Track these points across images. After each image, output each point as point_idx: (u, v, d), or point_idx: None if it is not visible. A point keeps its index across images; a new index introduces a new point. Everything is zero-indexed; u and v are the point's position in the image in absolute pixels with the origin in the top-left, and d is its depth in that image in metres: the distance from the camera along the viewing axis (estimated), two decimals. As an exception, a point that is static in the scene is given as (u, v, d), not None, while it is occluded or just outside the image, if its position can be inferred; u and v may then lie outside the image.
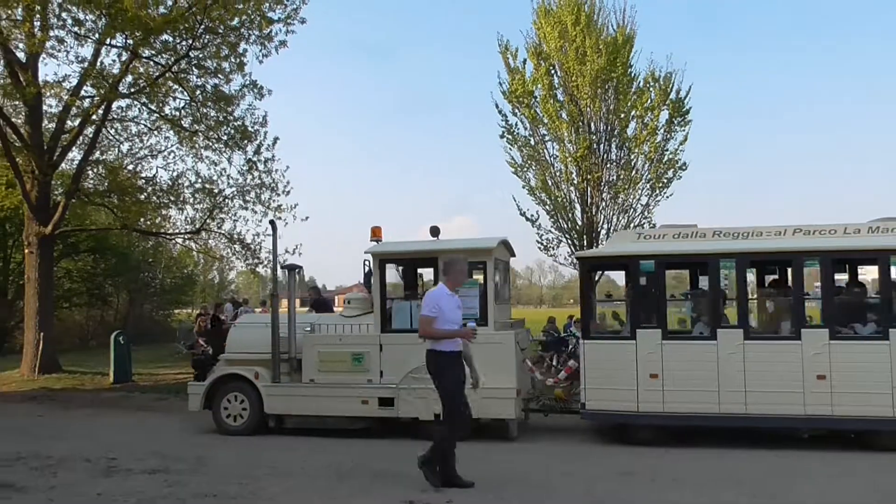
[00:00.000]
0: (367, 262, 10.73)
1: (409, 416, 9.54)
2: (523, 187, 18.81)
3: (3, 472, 7.99)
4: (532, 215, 18.68)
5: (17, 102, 17.84)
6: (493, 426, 9.56)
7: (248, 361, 10.45)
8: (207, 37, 17.06)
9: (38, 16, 15.84)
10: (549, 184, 18.51)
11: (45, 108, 17.83)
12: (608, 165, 18.22)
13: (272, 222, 12.12)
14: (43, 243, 17.44)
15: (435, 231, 10.32)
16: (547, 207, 18.60)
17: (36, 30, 15.80)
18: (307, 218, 20.11)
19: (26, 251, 18.12)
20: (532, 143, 18.72)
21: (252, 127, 19.05)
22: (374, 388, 9.75)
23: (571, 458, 8.64)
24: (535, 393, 10.53)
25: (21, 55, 16.75)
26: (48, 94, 17.40)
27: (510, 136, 18.77)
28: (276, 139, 19.57)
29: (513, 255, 11.43)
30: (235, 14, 16.70)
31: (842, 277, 9.96)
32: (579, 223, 18.40)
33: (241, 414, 10.34)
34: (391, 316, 9.93)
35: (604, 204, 18.28)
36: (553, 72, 18.46)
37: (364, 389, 9.78)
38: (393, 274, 10.57)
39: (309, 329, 10.41)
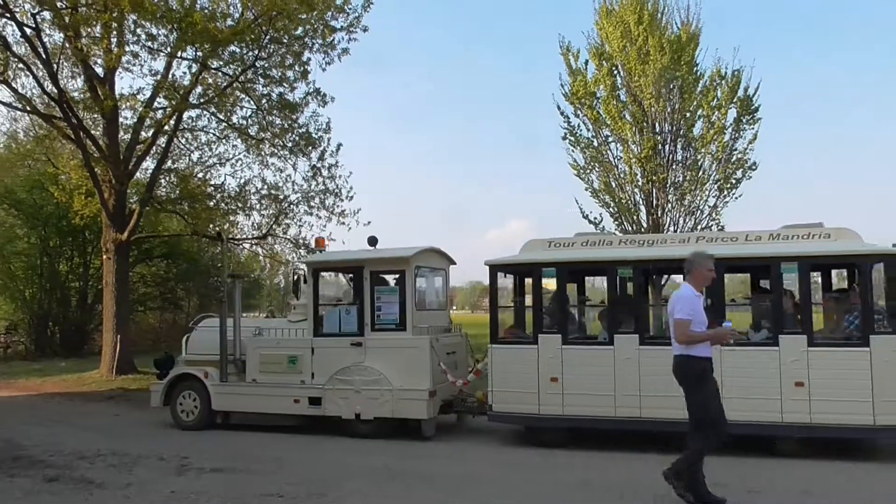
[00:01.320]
0: (296, 271, 11.68)
1: (334, 415, 10.21)
2: (586, 189, 18.55)
3: (84, 469, 8.35)
4: (595, 218, 18.41)
5: (95, 115, 18.68)
6: (410, 425, 10.05)
7: (203, 362, 11.40)
8: (273, 47, 17.52)
9: (114, 32, 16.57)
10: (613, 185, 18.19)
11: (121, 120, 18.61)
12: (674, 166, 17.79)
13: (219, 234, 13.06)
14: (119, 249, 18.18)
15: (373, 240, 10.91)
16: (611, 210, 18.28)
17: (113, 46, 16.53)
18: (369, 223, 20.40)
19: (104, 257, 18.92)
20: (595, 144, 18.45)
21: (316, 133, 19.51)
22: (306, 388, 10.47)
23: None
24: (461, 396, 10.56)
25: (99, 70, 17.55)
26: (124, 106, 18.16)
27: (572, 138, 18.55)
28: (339, 145, 20.02)
29: (452, 263, 11.89)
30: (299, 24, 17.11)
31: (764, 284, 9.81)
32: (644, 225, 18.02)
33: (193, 410, 11.22)
34: (323, 322, 10.59)
35: (670, 206, 17.85)
36: (615, 72, 18.17)
37: (297, 389, 10.51)
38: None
39: (255, 333, 11.27)
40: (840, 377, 8.21)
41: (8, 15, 15.63)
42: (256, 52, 17.03)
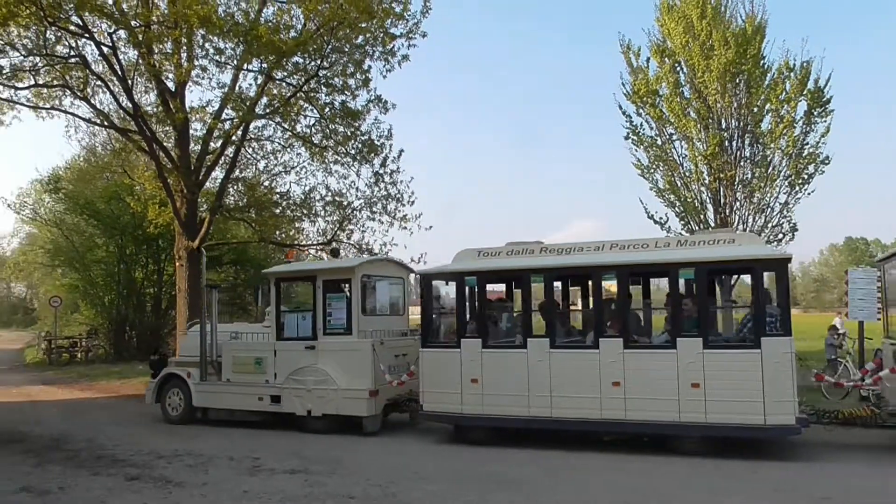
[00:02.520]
0: (265, 279, 12.81)
1: (291, 411, 11.31)
2: (651, 189, 18.17)
3: (162, 468, 8.70)
4: (661, 218, 18.02)
5: (167, 128, 19.43)
6: (355, 421, 10.88)
7: (190, 363, 12.72)
8: (334, 56, 17.85)
9: (184, 48, 17.20)
10: (679, 184, 17.77)
11: (191, 131, 19.28)
12: (741, 163, 17.25)
13: (199, 249, 13.90)
14: (191, 256, 18.81)
15: (335, 252, 12.94)
16: (676, 209, 17.86)
17: (183, 61, 17.15)
18: (430, 227, 20.54)
19: (177, 264, 19.61)
20: (659, 143, 18.06)
21: (378, 140, 19.74)
22: (268, 387, 11.61)
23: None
24: (408, 396, 11.07)
25: (171, 84, 18.22)
26: (194, 118, 18.82)
27: (635, 137, 18.21)
28: (401, 151, 20.20)
29: (410, 272, 13.02)
30: (360, 32, 17.38)
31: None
32: (712, 224, 17.53)
33: (178, 406, 12.63)
34: (284, 327, 11.74)
35: (738, 204, 17.32)
36: (678, 68, 17.75)
37: (261, 388, 11.66)
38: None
39: (231, 337, 12.56)
40: (733, 378, 8.57)
41: (87, 35, 16.42)
42: (319, 61, 17.38)
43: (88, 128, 25.09)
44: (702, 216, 17.57)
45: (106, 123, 19.97)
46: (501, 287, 12.11)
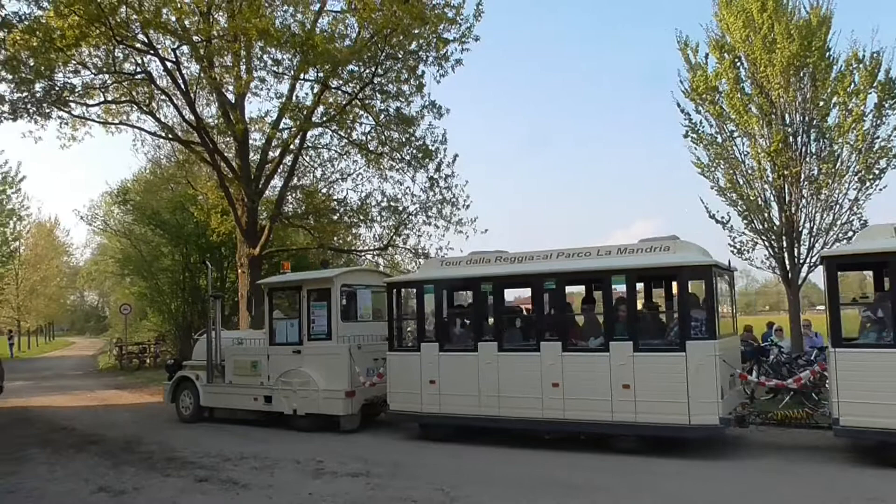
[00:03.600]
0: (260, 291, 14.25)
1: (280, 410, 12.44)
2: (712, 188, 17.73)
3: (229, 470, 8.92)
4: (722, 217, 17.57)
5: (228, 138, 19.97)
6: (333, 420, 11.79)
7: (199, 367, 13.96)
8: (388, 63, 18.03)
9: (243, 60, 17.67)
10: (741, 182, 17.27)
11: (251, 141, 19.78)
12: (807, 159, 16.66)
13: (204, 262, 14.63)
14: (252, 263, 19.28)
15: (325, 263, 14.13)
16: (739, 208, 17.37)
17: (242, 73, 17.62)
18: (486, 231, 20.55)
19: (239, 271, 20.12)
20: (719, 140, 17.62)
21: (433, 145, 19.85)
22: (262, 388, 12.74)
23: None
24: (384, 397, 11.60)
25: (230, 96, 18.75)
26: (253, 128, 19.34)
27: (695, 135, 17.80)
28: (455, 156, 20.26)
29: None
30: (413, 39, 17.52)
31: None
32: (777, 223, 16.99)
33: (189, 406, 13.97)
34: (275, 333, 12.83)
35: (804, 201, 16.74)
36: (738, 64, 17.28)
37: (256, 389, 12.82)
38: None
39: (235, 342, 13.85)
40: (661, 380, 9.01)
41: (153, 52, 17.04)
42: (373, 69, 17.59)
43: (154, 141, 25.99)
44: (765, 214, 17.05)
45: (170, 136, 20.69)
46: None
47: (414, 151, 19.74)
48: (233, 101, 18.81)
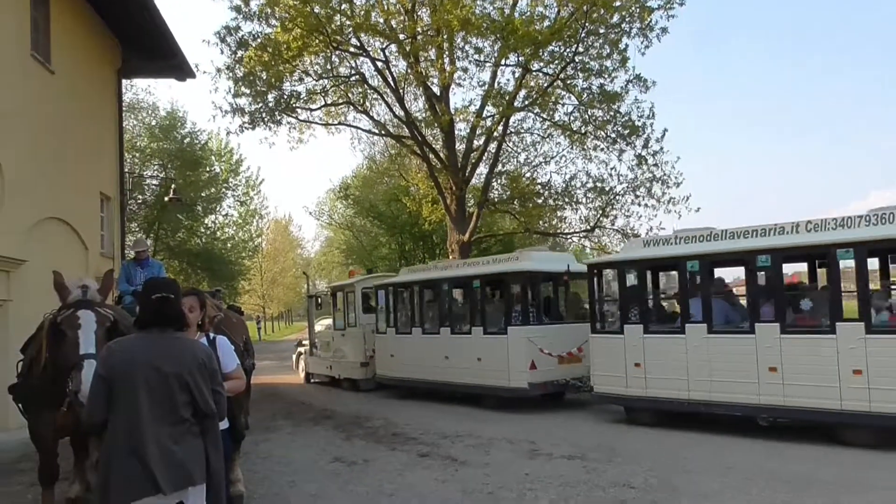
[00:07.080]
0: (319, 295, 20.65)
1: (333, 375, 17.54)
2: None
3: (447, 447, 9.29)
4: None
5: (435, 130, 20.76)
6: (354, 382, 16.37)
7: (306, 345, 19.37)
8: (590, 39, 17.57)
9: (446, 52, 18.22)
10: None
11: (456, 131, 20.37)
12: None
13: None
14: (462, 249, 19.89)
15: (370, 270, 19.84)
16: None
17: (446, 65, 18.17)
18: (699, 209, 19.35)
19: (451, 257, 20.86)
20: None
21: (639, 121, 19.03)
22: (328, 359, 17.70)
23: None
24: None
25: (436, 89, 19.44)
26: (458, 119, 19.86)
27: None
28: (664, 131, 19.24)
29: None
30: (615, 11, 16.90)
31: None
32: None
33: (302, 370, 19.55)
34: (335, 321, 18.06)
35: None
36: None
37: (326, 360, 17.85)
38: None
39: (326, 328, 18.54)
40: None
41: (364, 54, 18.19)
42: (575, 47, 17.26)
43: (368, 138, 27.75)
44: None
45: (383, 132, 21.99)
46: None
47: (619, 128, 19.07)
48: (438, 94, 19.48)
